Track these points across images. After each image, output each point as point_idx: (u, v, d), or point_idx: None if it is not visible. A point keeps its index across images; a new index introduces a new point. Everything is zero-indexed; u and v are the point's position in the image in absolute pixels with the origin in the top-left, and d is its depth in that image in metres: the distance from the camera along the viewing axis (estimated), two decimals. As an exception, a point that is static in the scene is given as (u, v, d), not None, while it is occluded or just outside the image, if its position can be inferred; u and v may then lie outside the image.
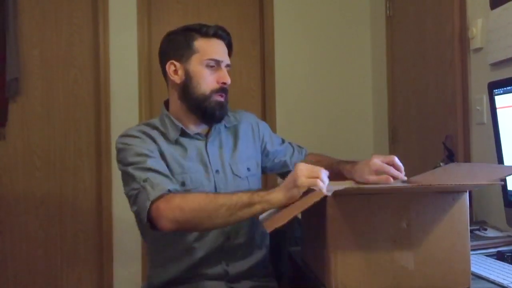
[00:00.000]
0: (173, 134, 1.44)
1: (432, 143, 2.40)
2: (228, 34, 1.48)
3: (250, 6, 3.15)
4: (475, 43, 2.03)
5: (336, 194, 0.99)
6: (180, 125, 1.45)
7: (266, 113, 3.07)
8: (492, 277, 1.13)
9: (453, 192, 1.03)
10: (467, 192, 1.05)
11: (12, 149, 2.83)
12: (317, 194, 1.03)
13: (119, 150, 1.41)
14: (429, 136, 2.46)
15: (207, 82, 1.42)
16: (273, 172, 1.68)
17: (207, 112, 1.42)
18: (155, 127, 1.46)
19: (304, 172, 1.10)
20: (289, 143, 1.69)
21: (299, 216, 1.38)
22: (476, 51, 2.04)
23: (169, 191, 1.27)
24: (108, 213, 2.87)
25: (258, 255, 1.48)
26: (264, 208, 1.15)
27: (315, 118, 3.14)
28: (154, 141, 1.41)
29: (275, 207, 1.15)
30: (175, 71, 1.45)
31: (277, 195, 1.13)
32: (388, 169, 1.25)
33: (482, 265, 1.23)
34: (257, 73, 3.10)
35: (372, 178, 1.26)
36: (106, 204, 2.87)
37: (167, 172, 1.35)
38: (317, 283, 1.10)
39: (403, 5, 2.76)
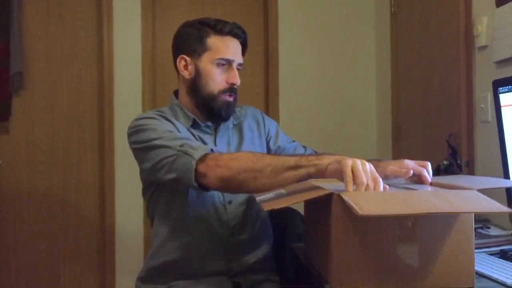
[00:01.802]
0: (185, 123, 1.43)
1: (436, 141, 2.40)
2: (243, 32, 1.46)
3: (255, 3, 3.14)
4: (480, 41, 2.02)
5: (342, 192, 0.99)
6: (192, 115, 1.44)
7: (270, 110, 3.07)
8: (495, 275, 1.13)
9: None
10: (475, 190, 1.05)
11: (16, 143, 2.84)
12: (321, 190, 1.03)
13: (137, 131, 1.36)
14: (433, 134, 2.45)
15: (216, 81, 1.41)
16: None
17: (214, 111, 1.42)
18: (164, 117, 1.43)
19: (356, 160, 1.01)
20: (302, 145, 1.66)
21: (302, 212, 1.37)
22: (481, 49, 2.03)
23: (212, 150, 1.24)
24: (111, 207, 2.88)
25: (261, 251, 1.48)
26: (309, 172, 1.08)
27: (318, 115, 3.14)
28: (173, 124, 1.39)
29: (319, 174, 1.08)
30: (185, 66, 1.44)
31: (325, 161, 1.06)
32: (420, 170, 1.15)
33: (485, 263, 1.23)
34: (261, 69, 3.09)
35: (392, 168, 1.15)
36: (109, 199, 2.88)
37: (200, 143, 1.33)
38: (320, 280, 1.10)
39: (408, 2, 2.75)
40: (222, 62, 1.41)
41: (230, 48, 1.43)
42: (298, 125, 3.08)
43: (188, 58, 1.43)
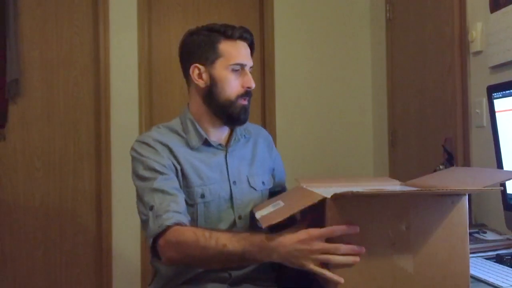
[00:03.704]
0: (195, 142, 1.43)
1: (432, 146, 2.41)
2: (251, 34, 1.46)
3: (251, 8, 3.16)
4: (474, 46, 2.03)
5: (335, 197, 0.99)
6: (205, 135, 1.43)
7: (266, 115, 3.08)
8: (491, 280, 1.13)
9: (452, 195, 1.04)
10: (466, 195, 1.05)
11: (12, 150, 2.83)
12: (315, 196, 1.03)
13: (132, 158, 1.41)
14: (429, 139, 2.46)
15: (232, 87, 1.40)
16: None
17: (233, 116, 1.42)
18: (175, 131, 1.44)
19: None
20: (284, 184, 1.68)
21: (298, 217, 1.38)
22: (475, 54, 2.05)
23: (168, 226, 1.25)
24: (108, 214, 2.87)
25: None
26: (256, 259, 1.15)
27: (314, 120, 3.15)
28: (170, 150, 1.39)
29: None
30: (200, 75, 1.42)
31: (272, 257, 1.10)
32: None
33: (481, 268, 1.24)
34: (257, 75, 3.10)
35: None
36: (106, 205, 2.87)
37: (175, 191, 1.34)
38: (317, 287, 1.11)
39: (403, 8, 2.77)
40: (236, 68, 1.40)
41: (242, 52, 1.42)
42: (294, 131, 3.09)
43: (201, 67, 1.41)
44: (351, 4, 3.22)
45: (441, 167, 2.02)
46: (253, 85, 1.42)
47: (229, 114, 1.42)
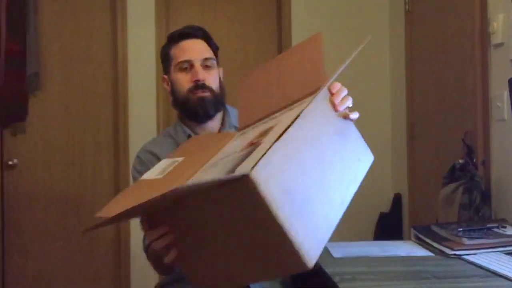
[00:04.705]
0: (182, 139, 1.46)
1: (451, 140, 2.37)
2: (199, 29, 1.48)
3: (268, 2, 3.14)
4: (496, 38, 1.99)
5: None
6: (188, 130, 1.46)
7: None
8: (510, 274, 1.12)
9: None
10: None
11: (32, 143, 2.87)
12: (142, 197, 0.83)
13: (132, 165, 1.51)
14: (448, 132, 2.43)
15: (182, 84, 1.43)
16: None
17: (191, 111, 1.43)
18: (169, 135, 1.50)
19: None
20: None
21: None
22: (497, 47, 2.01)
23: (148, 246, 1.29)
24: (127, 185, 2.90)
25: None
26: None
27: (332, 114, 3.12)
28: (158, 159, 1.37)
29: None
30: (167, 83, 1.51)
31: None
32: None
33: (501, 262, 1.22)
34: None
35: None
36: (124, 198, 2.90)
37: None
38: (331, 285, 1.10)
39: (422, 0, 2.73)
40: (183, 66, 1.43)
41: (186, 49, 1.44)
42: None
43: (165, 76, 1.50)
44: (369, -4, 3.19)
45: (460, 161, 2.00)
46: (199, 77, 1.41)
47: (187, 110, 1.44)
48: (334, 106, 1.01)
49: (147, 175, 1.07)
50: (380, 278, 1.16)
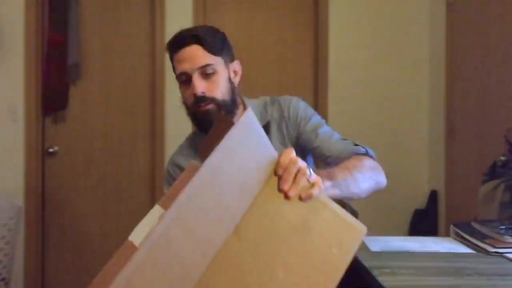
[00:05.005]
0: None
1: (493, 136, 2.31)
2: (191, 34, 1.31)
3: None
4: (543, 32, 1.93)
5: None
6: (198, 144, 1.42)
7: (318, 102, 3.05)
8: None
9: None
10: None
11: (73, 131, 2.95)
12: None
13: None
14: (489, 129, 2.37)
15: (186, 98, 1.34)
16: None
17: (198, 125, 1.38)
18: (193, 143, 1.46)
19: None
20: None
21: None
22: (544, 41, 1.95)
23: None
24: (161, 194, 2.95)
25: None
26: None
27: (368, 109, 3.09)
28: (182, 170, 1.38)
29: None
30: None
31: None
32: None
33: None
34: (310, 61, 3.07)
35: None
36: (159, 185, 2.95)
37: None
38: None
39: (465, -8, 2.66)
40: (182, 78, 1.32)
41: (181, 60, 1.32)
42: (347, 119, 3.04)
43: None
44: (409, -12, 3.13)
45: (502, 158, 1.95)
46: (196, 91, 1.29)
47: (196, 124, 1.38)
48: (285, 194, 0.78)
49: (137, 233, 0.80)
50: (421, 273, 1.15)
